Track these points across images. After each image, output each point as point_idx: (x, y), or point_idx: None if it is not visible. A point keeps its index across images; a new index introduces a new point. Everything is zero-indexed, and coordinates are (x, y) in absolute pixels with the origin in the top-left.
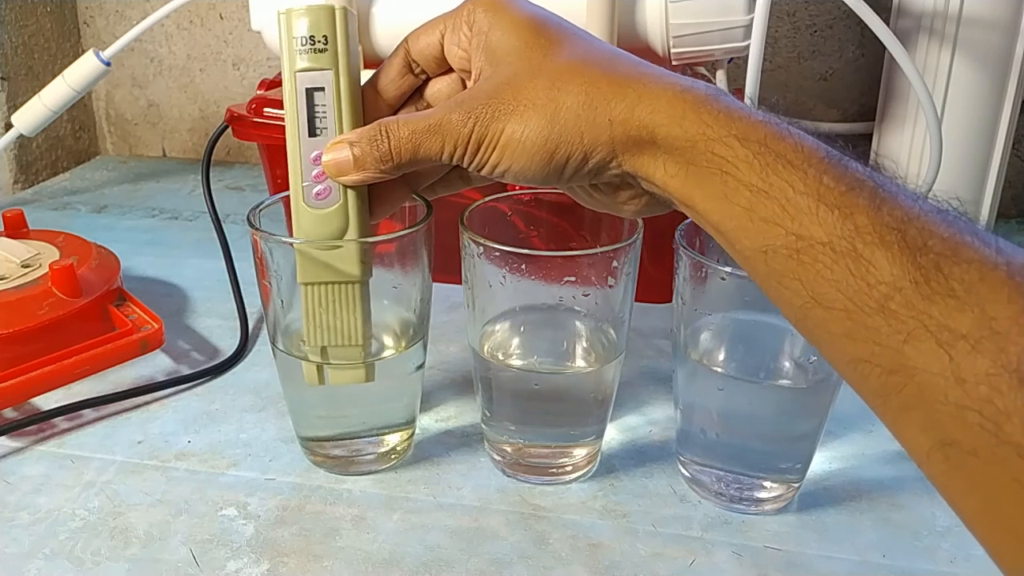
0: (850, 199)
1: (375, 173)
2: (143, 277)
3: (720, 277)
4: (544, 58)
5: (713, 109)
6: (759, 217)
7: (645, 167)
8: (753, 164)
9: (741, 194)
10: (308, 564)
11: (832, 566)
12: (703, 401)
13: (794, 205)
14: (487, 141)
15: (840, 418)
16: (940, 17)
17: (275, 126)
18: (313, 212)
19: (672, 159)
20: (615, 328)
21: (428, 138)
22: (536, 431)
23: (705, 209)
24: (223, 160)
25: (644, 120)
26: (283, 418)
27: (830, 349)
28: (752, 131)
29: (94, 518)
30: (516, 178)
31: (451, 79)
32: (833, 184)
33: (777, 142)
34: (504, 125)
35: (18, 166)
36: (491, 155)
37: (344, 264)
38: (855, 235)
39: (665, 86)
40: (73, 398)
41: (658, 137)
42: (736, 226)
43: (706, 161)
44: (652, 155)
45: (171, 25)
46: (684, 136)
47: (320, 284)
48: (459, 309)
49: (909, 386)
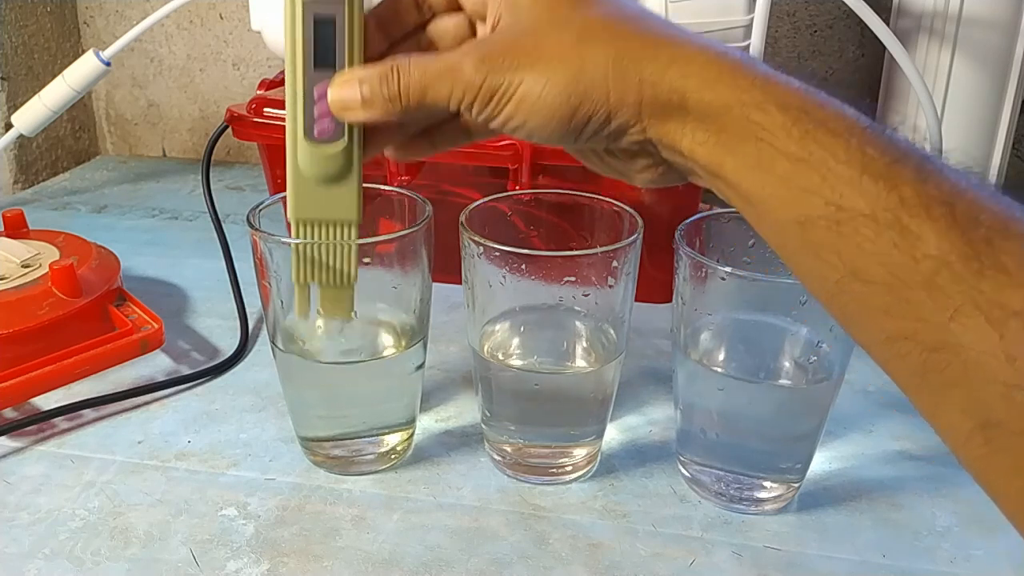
0: (895, 170)
1: (381, 114)
2: (143, 277)
3: (720, 277)
4: (572, 10)
5: (749, 74)
6: (797, 186)
7: (671, 134)
8: (792, 132)
9: (778, 162)
10: (308, 564)
11: (832, 566)
12: (703, 401)
13: (835, 175)
14: (501, 92)
15: (840, 418)
16: (940, 17)
17: (275, 126)
18: (314, 149)
19: (701, 125)
20: (615, 328)
21: (438, 82)
22: (536, 431)
23: (736, 178)
24: (223, 160)
25: (675, 83)
26: (283, 418)
27: (864, 325)
28: (791, 98)
29: (94, 518)
30: (529, 134)
31: (458, 20)
32: (877, 155)
33: (818, 110)
34: (523, 77)
35: (18, 166)
36: (504, 108)
37: (341, 205)
38: (900, 207)
39: (699, 49)
40: (73, 398)
41: (689, 102)
42: (770, 195)
43: (740, 128)
44: (680, 121)
45: (171, 25)
46: (718, 101)
47: (313, 222)
48: (459, 309)
49: (953, 364)
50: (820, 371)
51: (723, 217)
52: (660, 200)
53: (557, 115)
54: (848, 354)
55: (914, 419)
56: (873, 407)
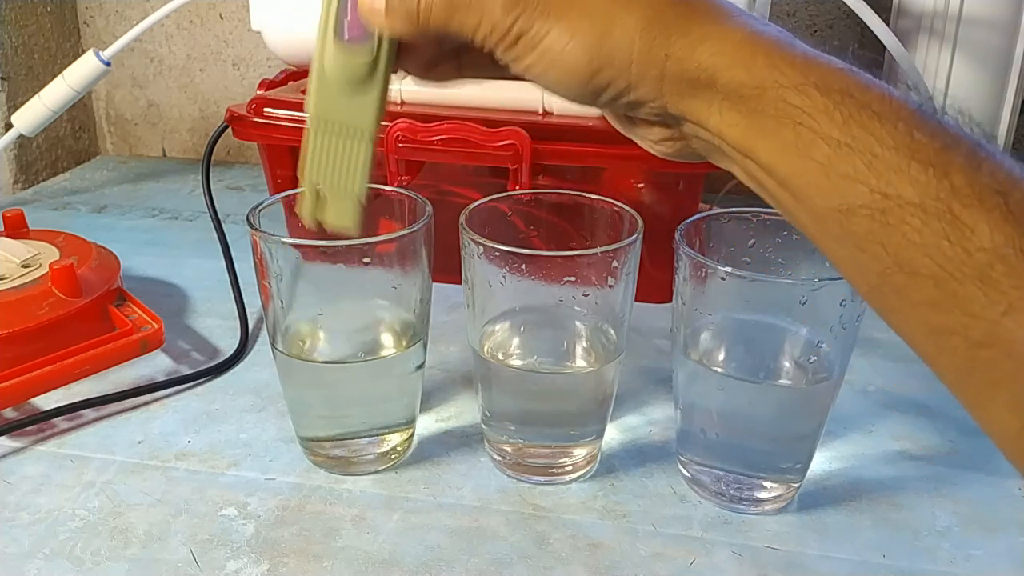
0: (945, 157)
1: (400, 28)
2: (143, 277)
3: (720, 277)
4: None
5: (787, 54)
6: (838, 173)
7: (697, 111)
8: (834, 115)
9: (818, 147)
10: (308, 564)
11: (832, 566)
12: (703, 401)
13: (882, 161)
14: (527, 38)
15: (840, 418)
16: (940, 17)
17: (275, 126)
18: (342, 50)
19: (732, 105)
20: (615, 328)
21: (465, 13)
22: (536, 431)
23: (770, 161)
24: (223, 160)
25: (705, 61)
26: (283, 418)
27: (907, 318)
28: (833, 79)
29: (94, 518)
30: (547, 86)
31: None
32: (926, 140)
33: (862, 92)
34: (550, 28)
35: (18, 166)
36: (528, 54)
37: (360, 113)
38: (951, 196)
39: (735, 26)
40: (73, 398)
41: (719, 81)
42: (808, 182)
43: (776, 110)
44: (707, 99)
45: (171, 25)
46: (752, 82)
47: (330, 127)
48: (459, 309)
49: (1003, 362)
50: (820, 371)
51: (723, 217)
52: (660, 200)
53: (575, 75)
54: (848, 354)
55: (914, 419)
56: (873, 407)
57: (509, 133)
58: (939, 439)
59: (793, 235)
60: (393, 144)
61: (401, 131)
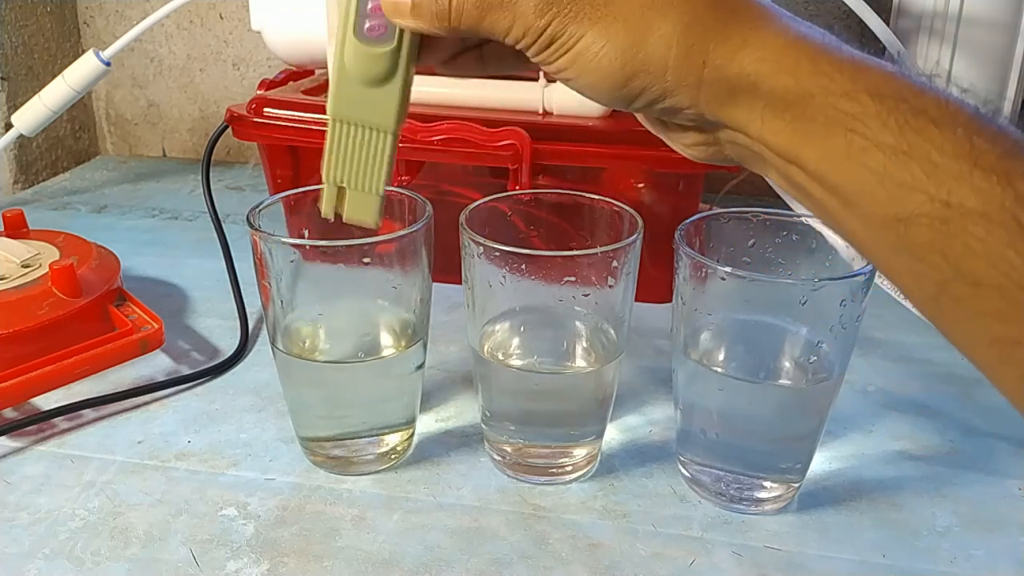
0: (1008, 163)
1: (428, 26)
2: (143, 277)
3: (720, 277)
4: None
5: (836, 59)
6: (894, 181)
7: (736, 117)
8: (888, 121)
9: (871, 155)
10: (308, 564)
11: (832, 566)
12: (703, 401)
13: (942, 169)
14: (560, 42)
15: (840, 418)
16: (940, 17)
17: (275, 126)
18: (362, 47)
19: (776, 113)
20: (615, 328)
21: (498, 14)
22: (536, 431)
23: (820, 170)
24: (223, 160)
25: (746, 68)
26: (283, 418)
27: (967, 329)
28: (885, 84)
29: (94, 518)
30: (580, 89)
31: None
32: (987, 146)
33: (916, 97)
34: (585, 32)
35: (18, 166)
36: (561, 58)
37: (380, 111)
38: (1016, 204)
39: (777, 30)
40: (73, 398)
41: (762, 87)
42: (861, 190)
43: (825, 117)
44: (748, 106)
45: (171, 25)
46: (798, 88)
47: (351, 122)
48: (459, 309)
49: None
50: (820, 371)
51: (723, 217)
52: (660, 200)
53: (609, 80)
54: (848, 354)
55: (914, 419)
56: (873, 407)
57: (509, 133)
58: (939, 439)
59: (793, 235)
60: None
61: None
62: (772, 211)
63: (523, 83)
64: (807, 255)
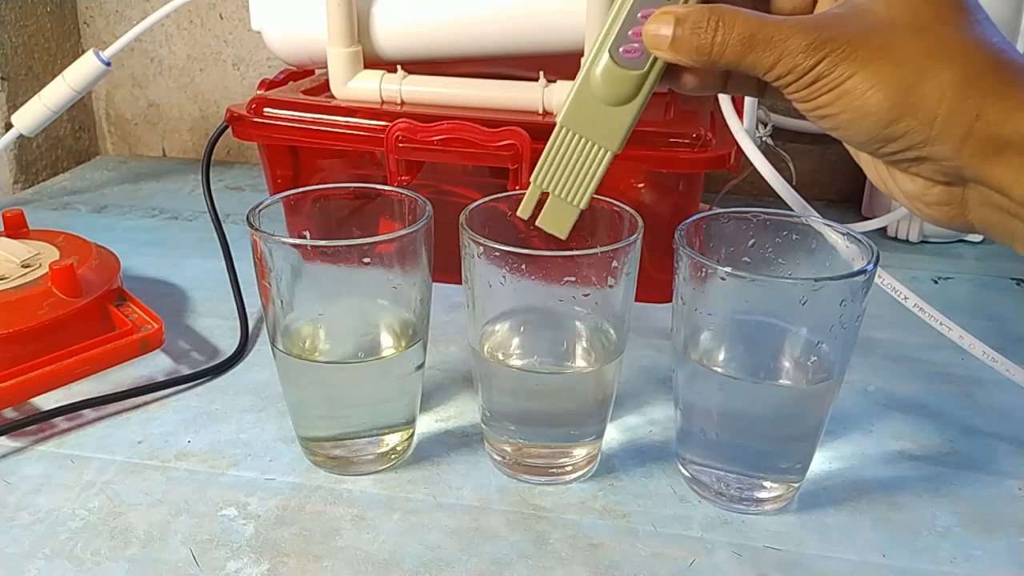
0: None
1: (687, 60)
2: (143, 277)
3: (720, 277)
4: (935, 20)
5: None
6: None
7: (1000, 176)
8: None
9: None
10: (308, 564)
11: (832, 566)
12: (703, 401)
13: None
14: (825, 80)
15: (840, 418)
16: None
17: (275, 126)
18: (613, 67)
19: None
20: (615, 328)
21: (762, 51)
22: (536, 431)
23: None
24: (223, 160)
25: (1021, 128)
26: (283, 418)
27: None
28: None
29: (94, 518)
30: (834, 127)
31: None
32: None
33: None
34: (854, 72)
35: (18, 166)
36: (823, 96)
37: (610, 129)
38: None
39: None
40: (73, 398)
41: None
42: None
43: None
44: (1018, 166)
45: (171, 25)
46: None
47: (576, 135)
48: (459, 309)
49: None
50: (820, 371)
51: (723, 217)
52: (660, 200)
53: (871, 120)
54: (848, 354)
55: (914, 419)
56: (873, 407)
57: (509, 133)
58: (939, 439)
59: (793, 235)
60: (393, 144)
61: (401, 131)
62: (772, 211)
63: (523, 83)
64: (807, 255)
